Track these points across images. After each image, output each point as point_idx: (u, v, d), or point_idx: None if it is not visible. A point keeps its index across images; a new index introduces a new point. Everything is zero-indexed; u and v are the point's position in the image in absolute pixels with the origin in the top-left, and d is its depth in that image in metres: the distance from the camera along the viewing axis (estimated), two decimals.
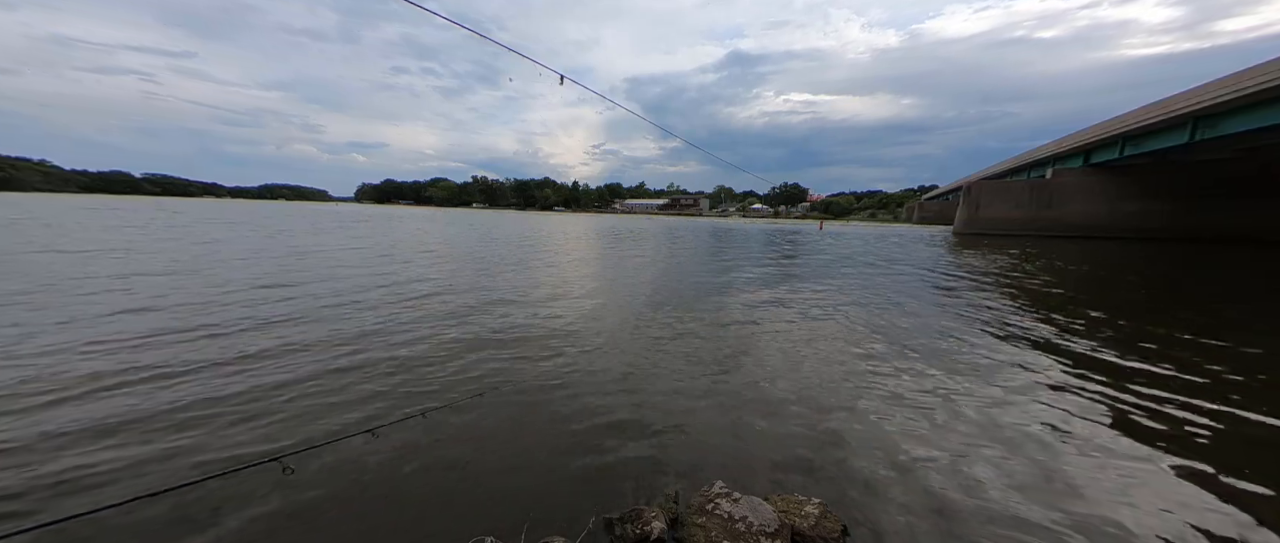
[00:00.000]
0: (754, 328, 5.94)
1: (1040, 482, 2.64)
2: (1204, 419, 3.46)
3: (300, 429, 3.01)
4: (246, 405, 3.31)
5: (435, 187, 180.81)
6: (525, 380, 3.95)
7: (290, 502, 2.30)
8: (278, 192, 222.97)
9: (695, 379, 4.09)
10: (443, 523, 2.19)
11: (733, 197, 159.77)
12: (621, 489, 2.47)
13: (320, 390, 3.61)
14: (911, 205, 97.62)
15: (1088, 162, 30.52)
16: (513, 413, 3.34)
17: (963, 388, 4.00)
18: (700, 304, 7.38)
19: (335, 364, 4.17)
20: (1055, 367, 4.62)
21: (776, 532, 1.97)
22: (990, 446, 3.03)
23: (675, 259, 14.36)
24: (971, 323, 6.43)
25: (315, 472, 2.54)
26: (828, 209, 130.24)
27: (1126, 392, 3.98)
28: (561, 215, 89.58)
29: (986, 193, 36.07)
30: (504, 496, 2.42)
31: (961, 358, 4.85)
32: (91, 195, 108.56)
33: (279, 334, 4.98)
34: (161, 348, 4.41)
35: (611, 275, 10.45)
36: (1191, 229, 29.17)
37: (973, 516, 2.33)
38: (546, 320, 6.02)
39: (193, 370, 3.90)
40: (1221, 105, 18.59)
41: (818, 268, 12.83)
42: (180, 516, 2.18)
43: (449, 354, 4.55)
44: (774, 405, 3.57)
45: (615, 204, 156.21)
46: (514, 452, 2.84)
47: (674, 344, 5.13)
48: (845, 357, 4.83)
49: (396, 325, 5.52)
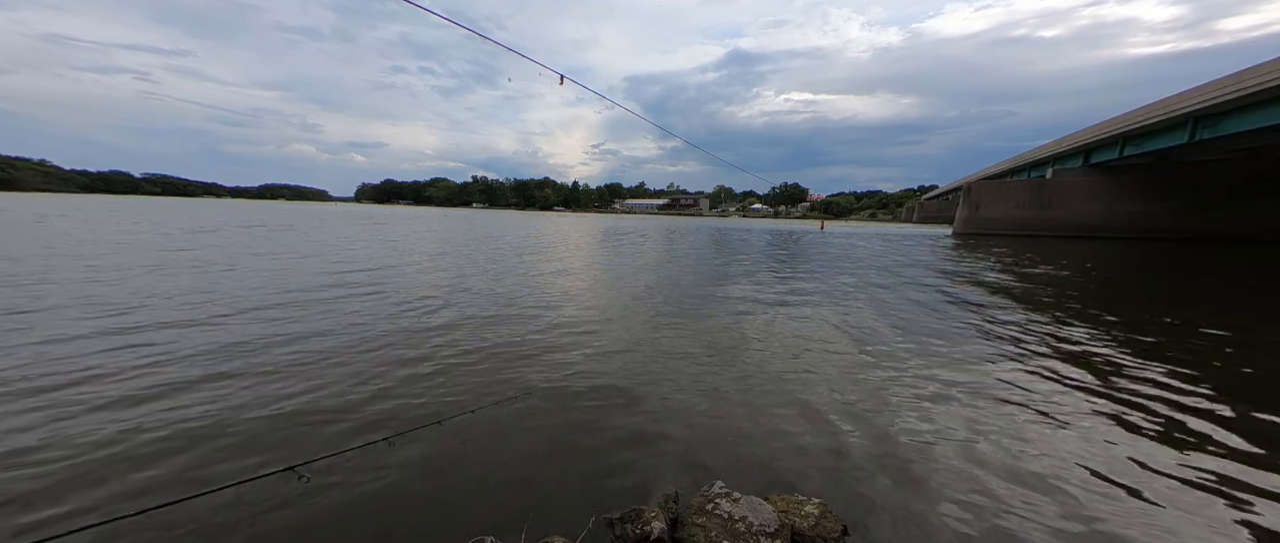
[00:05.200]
0: (754, 329, 5.93)
1: (1043, 483, 2.64)
2: (1213, 425, 3.46)
3: (311, 436, 3.01)
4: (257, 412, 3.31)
5: (435, 186, 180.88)
6: (525, 381, 3.94)
7: (294, 504, 2.29)
8: (278, 191, 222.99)
9: (695, 380, 4.08)
10: (443, 523, 2.19)
11: (733, 197, 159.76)
12: (621, 489, 2.47)
13: (330, 396, 3.61)
14: (911, 205, 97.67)
15: (1088, 161, 30.50)
16: (513, 414, 3.34)
17: (965, 390, 4.00)
18: (700, 306, 7.38)
19: (344, 369, 4.16)
20: (1059, 368, 4.62)
21: (776, 532, 1.97)
22: (992, 447, 3.02)
23: (676, 260, 14.35)
24: (973, 324, 6.43)
25: (325, 477, 2.54)
26: (827, 209, 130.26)
27: (1136, 395, 3.98)
28: (561, 215, 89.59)
29: (986, 193, 36.08)
30: (504, 496, 2.42)
31: (963, 360, 4.85)
32: (93, 195, 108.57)
33: (283, 336, 4.98)
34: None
35: (612, 277, 10.45)
36: (1192, 230, 29.14)
37: (974, 516, 2.33)
38: (547, 321, 6.02)
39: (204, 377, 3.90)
40: (1222, 105, 18.57)
41: (818, 269, 12.82)
42: (197, 526, 2.18)
43: (450, 355, 4.55)
44: (774, 406, 3.57)
45: (615, 204, 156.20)
46: (514, 452, 2.84)
47: (674, 345, 5.12)
48: (846, 358, 4.82)
49: (397, 325, 5.51)
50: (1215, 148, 22.50)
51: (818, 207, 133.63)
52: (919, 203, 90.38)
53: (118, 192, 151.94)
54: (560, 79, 5.51)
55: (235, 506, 2.26)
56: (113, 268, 8.64)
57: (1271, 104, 17.09)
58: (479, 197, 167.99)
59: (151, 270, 8.57)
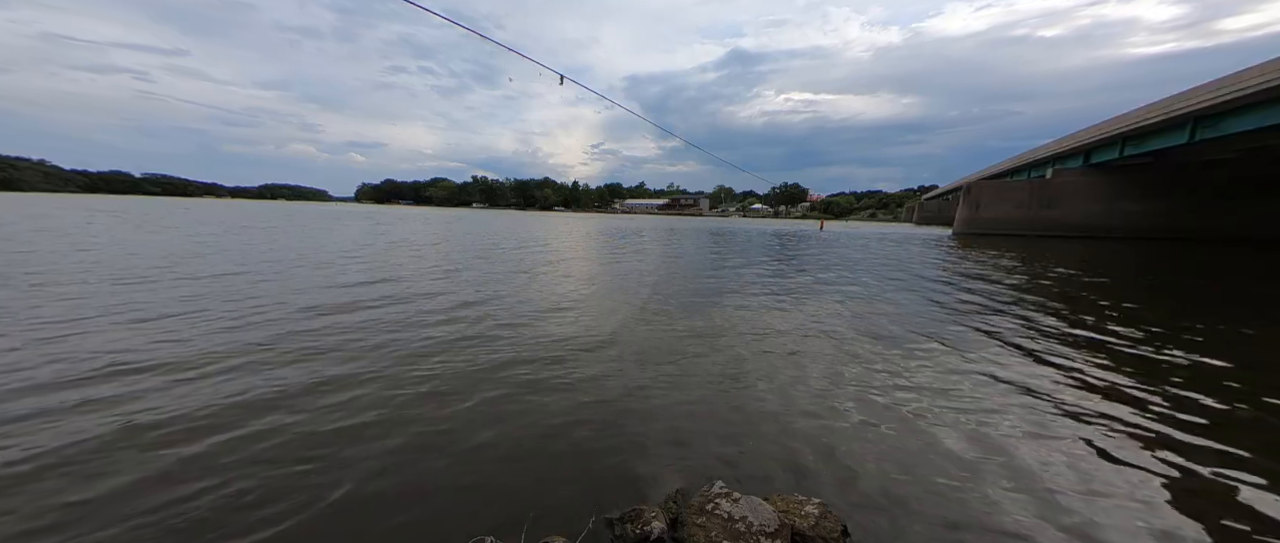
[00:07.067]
0: (755, 330, 5.93)
1: (1045, 484, 2.63)
2: (1231, 430, 3.45)
3: (311, 433, 3.01)
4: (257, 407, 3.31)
5: (435, 186, 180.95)
6: (526, 381, 3.94)
7: (298, 505, 2.30)
8: (278, 191, 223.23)
9: (696, 380, 4.08)
10: (442, 522, 2.19)
11: (733, 197, 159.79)
12: (621, 489, 2.47)
13: (328, 392, 3.61)
14: (911, 205, 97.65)
15: (1088, 162, 30.54)
16: (513, 413, 3.33)
17: (967, 391, 4.00)
18: (701, 306, 7.38)
19: (342, 364, 4.17)
20: (1062, 369, 4.62)
21: (776, 532, 1.97)
22: (993, 447, 3.02)
23: (676, 262, 14.36)
24: (975, 324, 6.43)
25: (323, 473, 2.54)
26: (828, 209, 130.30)
27: (1140, 397, 3.97)
28: (561, 215, 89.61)
29: (986, 193, 36.10)
30: (504, 495, 2.41)
31: (965, 360, 4.85)
32: (95, 196, 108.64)
33: (284, 333, 4.98)
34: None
35: (612, 277, 10.45)
36: (1192, 230, 29.17)
37: (975, 517, 2.32)
38: (547, 322, 6.02)
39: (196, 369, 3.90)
40: (1222, 105, 18.59)
41: (819, 269, 12.83)
42: (179, 524, 2.18)
43: (450, 356, 4.55)
44: (774, 406, 3.57)
45: (615, 204, 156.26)
46: (514, 452, 2.83)
47: (674, 345, 5.12)
48: (847, 358, 4.82)
49: (397, 326, 5.51)
50: (1215, 148, 22.52)
51: (818, 207, 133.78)
52: (919, 203, 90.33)
53: (118, 191, 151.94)
54: (560, 79, 5.53)
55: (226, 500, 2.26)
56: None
57: (1271, 104, 17.10)
58: (479, 197, 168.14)
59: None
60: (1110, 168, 29.87)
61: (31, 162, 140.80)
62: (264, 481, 2.46)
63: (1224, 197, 28.39)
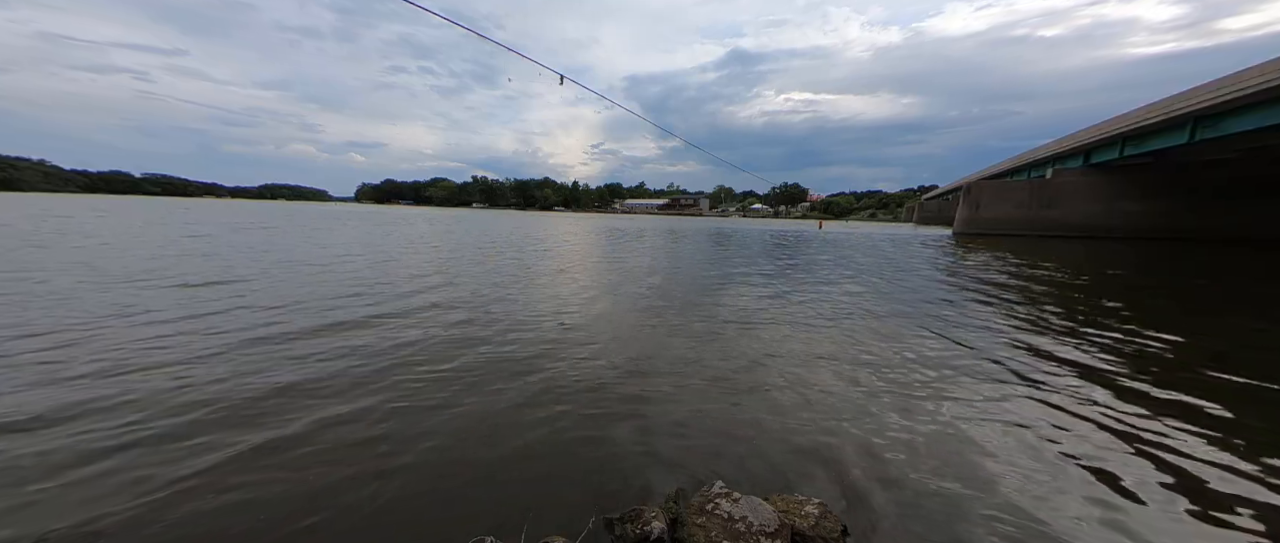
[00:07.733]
0: (755, 330, 5.93)
1: (1047, 485, 2.63)
2: (1240, 433, 3.45)
3: (310, 435, 3.01)
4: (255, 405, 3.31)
5: (435, 187, 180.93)
6: (526, 381, 3.94)
7: (298, 507, 2.30)
8: (278, 192, 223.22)
9: (696, 380, 4.08)
10: (442, 523, 2.19)
11: (733, 197, 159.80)
12: (621, 489, 2.47)
13: (328, 391, 3.61)
14: (911, 205, 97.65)
15: (1088, 162, 30.53)
16: (513, 414, 3.33)
17: (968, 391, 4.00)
18: (701, 305, 7.38)
19: (340, 364, 4.17)
20: (1065, 370, 4.62)
21: (776, 532, 1.97)
22: (994, 448, 3.02)
23: (676, 262, 14.36)
24: (976, 324, 6.42)
25: (320, 473, 2.54)
26: (828, 209, 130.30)
27: (1143, 397, 3.97)
28: (561, 215, 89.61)
29: (986, 193, 36.09)
30: (504, 495, 2.41)
31: (967, 361, 4.85)
32: (95, 195, 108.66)
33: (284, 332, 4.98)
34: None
35: (612, 277, 10.45)
36: (1192, 230, 29.16)
37: (976, 518, 2.32)
38: (548, 322, 6.02)
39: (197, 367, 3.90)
40: (1222, 105, 18.59)
41: (819, 269, 12.82)
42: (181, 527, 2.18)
43: (449, 356, 4.55)
44: (775, 406, 3.57)
45: (615, 204, 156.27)
46: (514, 452, 2.83)
47: (675, 345, 5.12)
48: (848, 358, 4.82)
49: (397, 325, 5.51)
50: (1215, 148, 22.52)
51: (818, 207, 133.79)
52: (919, 203, 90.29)
53: (118, 191, 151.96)
54: (560, 79, 5.53)
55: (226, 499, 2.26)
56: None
57: (1271, 104, 17.10)
58: (479, 197, 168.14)
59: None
60: (1110, 168, 29.86)
61: (31, 162, 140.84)
62: (263, 481, 2.46)
63: (1224, 197, 28.37)
